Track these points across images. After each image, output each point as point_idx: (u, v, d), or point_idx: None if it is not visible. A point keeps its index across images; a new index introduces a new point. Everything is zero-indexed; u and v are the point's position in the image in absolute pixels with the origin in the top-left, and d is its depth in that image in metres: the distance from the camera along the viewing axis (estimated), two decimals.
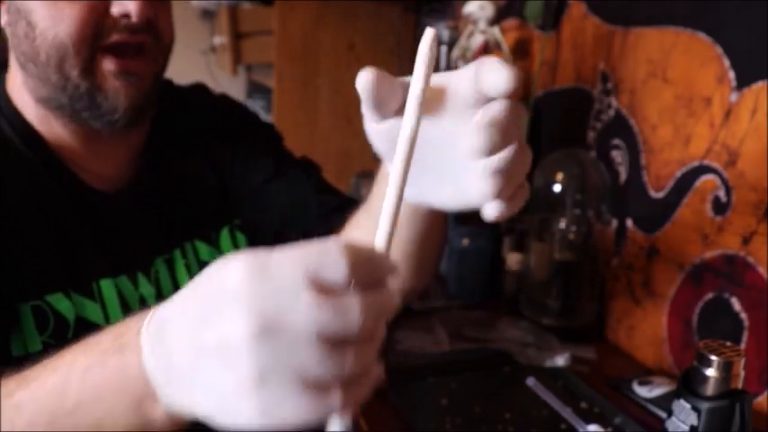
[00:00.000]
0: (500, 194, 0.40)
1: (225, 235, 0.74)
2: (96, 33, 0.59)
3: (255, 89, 2.29)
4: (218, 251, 0.72)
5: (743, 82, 0.77)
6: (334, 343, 0.30)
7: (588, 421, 0.75)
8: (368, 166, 1.78)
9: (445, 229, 0.62)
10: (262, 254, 0.31)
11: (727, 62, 0.79)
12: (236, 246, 0.73)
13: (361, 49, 1.77)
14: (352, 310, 0.30)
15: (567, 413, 0.76)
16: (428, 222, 0.56)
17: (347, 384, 0.31)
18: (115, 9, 0.59)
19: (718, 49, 0.80)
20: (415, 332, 0.96)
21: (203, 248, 0.72)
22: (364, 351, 0.31)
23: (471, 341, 0.94)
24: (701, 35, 0.83)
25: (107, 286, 0.62)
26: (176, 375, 0.33)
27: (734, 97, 0.78)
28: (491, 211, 0.42)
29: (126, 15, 0.59)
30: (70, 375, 0.37)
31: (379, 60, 1.80)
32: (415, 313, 1.03)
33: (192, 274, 0.68)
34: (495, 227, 1.09)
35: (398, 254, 0.58)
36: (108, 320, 0.61)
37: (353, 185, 1.39)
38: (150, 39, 0.62)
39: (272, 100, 1.76)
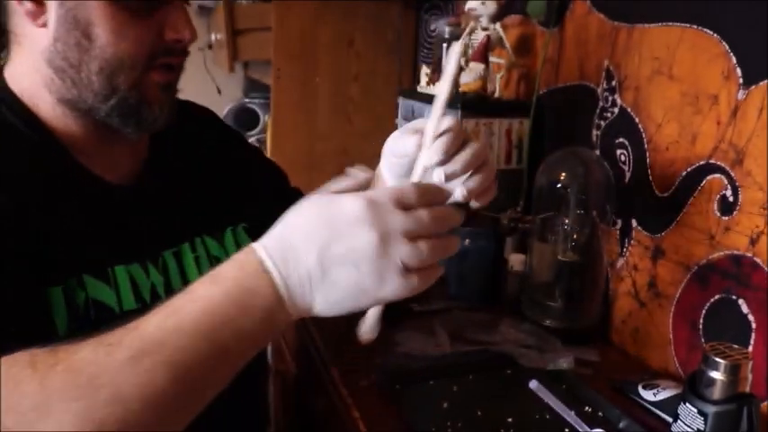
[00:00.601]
0: (473, 193, 0.59)
1: (228, 235, 0.78)
2: (151, 54, 0.64)
3: (253, 86, 2.28)
4: (224, 248, 0.77)
5: (750, 79, 0.76)
6: (415, 238, 0.47)
7: (592, 425, 0.74)
8: (367, 165, 1.77)
9: None
10: (368, 193, 0.48)
11: (734, 59, 0.78)
12: (238, 245, 0.78)
13: (360, 46, 1.76)
14: (422, 216, 0.48)
15: (570, 417, 0.75)
16: None
17: (424, 270, 0.48)
18: (170, 35, 0.64)
19: (725, 46, 0.79)
20: (416, 334, 0.95)
21: (213, 244, 0.76)
22: (434, 247, 0.48)
23: (473, 343, 0.93)
24: (708, 31, 0.82)
25: (121, 272, 0.65)
26: (306, 286, 0.47)
27: (741, 95, 0.77)
28: (476, 204, 0.61)
29: (179, 40, 0.65)
30: (219, 308, 0.47)
31: (378, 58, 1.78)
32: (415, 315, 1.02)
33: (201, 267, 0.73)
34: (496, 227, 1.07)
35: None
36: (121, 305, 0.64)
37: None
38: (186, 57, 0.69)
39: (271, 98, 1.75)
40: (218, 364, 0.47)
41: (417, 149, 0.57)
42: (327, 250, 0.46)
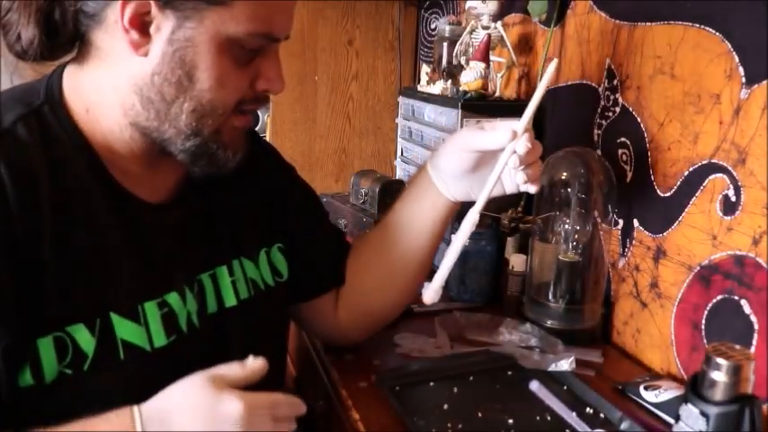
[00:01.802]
0: (532, 179, 0.73)
1: (263, 256, 0.78)
2: (240, 101, 0.65)
3: None
4: (258, 270, 0.77)
5: (753, 78, 0.76)
6: None
7: (594, 426, 0.73)
8: (367, 164, 1.77)
9: None
10: (249, 398, 0.56)
11: (736, 58, 0.78)
12: (272, 265, 0.79)
13: (360, 45, 1.76)
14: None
15: (571, 418, 0.75)
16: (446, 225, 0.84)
17: None
18: (263, 85, 0.65)
19: (728, 45, 0.79)
20: (416, 335, 0.94)
21: (250, 266, 0.76)
22: None
23: (473, 344, 0.92)
24: (710, 30, 0.81)
25: (150, 308, 0.64)
26: None
27: (743, 94, 0.77)
28: (533, 189, 0.74)
29: (268, 90, 0.66)
30: None
31: (378, 56, 1.78)
32: (415, 316, 1.02)
33: (238, 290, 0.73)
34: (497, 227, 1.07)
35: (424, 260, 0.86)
36: (152, 343, 0.64)
37: (352, 184, 1.37)
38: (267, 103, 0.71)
39: (270, 96, 1.74)
40: None
41: (510, 140, 0.69)
42: None
